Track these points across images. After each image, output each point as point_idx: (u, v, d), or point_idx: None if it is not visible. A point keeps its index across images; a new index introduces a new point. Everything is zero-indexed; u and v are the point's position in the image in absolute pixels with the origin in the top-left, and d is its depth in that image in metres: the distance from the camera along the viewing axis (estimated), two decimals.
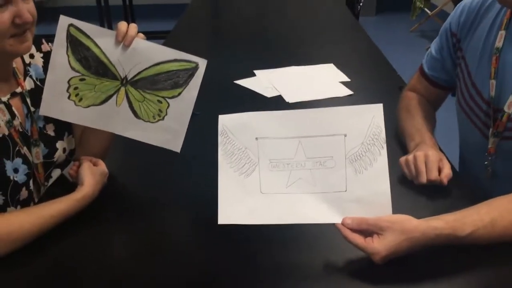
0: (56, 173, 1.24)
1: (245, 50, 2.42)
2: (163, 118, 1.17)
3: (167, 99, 1.16)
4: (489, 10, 1.30)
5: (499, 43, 1.24)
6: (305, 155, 1.02)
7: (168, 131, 1.18)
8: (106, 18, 4.56)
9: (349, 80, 1.90)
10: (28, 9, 1.05)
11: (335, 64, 2.04)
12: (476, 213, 0.98)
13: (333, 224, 0.98)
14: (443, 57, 1.43)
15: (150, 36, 1.18)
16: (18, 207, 1.12)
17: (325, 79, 1.93)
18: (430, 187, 1.18)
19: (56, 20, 1.11)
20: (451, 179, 1.18)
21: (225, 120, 1.05)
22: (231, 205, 1.01)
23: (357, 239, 0.95)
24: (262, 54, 2.32)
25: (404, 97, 1.52)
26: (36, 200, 1.18)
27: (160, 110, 1.17)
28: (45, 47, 1.25)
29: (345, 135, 1.00)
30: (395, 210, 0.98)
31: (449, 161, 1.24)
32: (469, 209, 1.00)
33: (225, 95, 1.82)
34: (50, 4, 6.30)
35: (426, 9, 5.43)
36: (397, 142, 1.41)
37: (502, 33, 1.24)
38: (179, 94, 1.16)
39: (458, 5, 1.39)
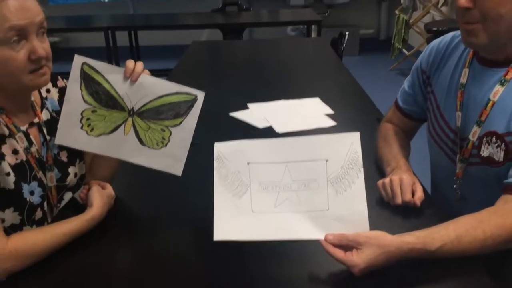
0: (68, 195, 1.26)
1: (239, 85, 2.46)
2: (166, 145, 1.19)
3: (169, 127, 1.19)
4: (454, 50, 1.35)
5: (463, 79, 1.28)
6: (291, 178, 1.04)
7: (170, 157, 1.20)
8: (114, 57, 4.61)
9: (333, 112, 1.93)
10: (43, 47, 1.08)
11: (320, 98, 2.07)
12: (444, 230, 1.00)
13: (317, 240, 1.00)
14: (415, 92, 1.47)
15: (154, 73, 1.21)
16: (34, 226, 1.14)
17: (312, 111, 1.95)
18: (404, 208, 1.20)
19: (69, 59, 1.14)
20: (423, 201, 1.21)
21: (220, 147, 1.08)
22: (225, 223, 1.03)
23: (338, 253, 0.97)
24: (255, 89, 2.35)
25: (382, 127, 1.56)
26: (49, 220, 1.19)
27: (163, 138, 1.19)
28: (60, 83, 1.29)
29: (327, 160, 1.03)
30: (373, 228, 1.00)
31: (421, 184, 1.26)
32: (438, 226, 1.02)
33: (221, 126, 1.85)
34: (64, 45, 6.37)
35: (404, 50, 5.53)
36: (375, 167, 1.44)
37: (466, 70, 1.28)
38: (180, 123, 1.18)
39: (427, 46, 1.44)
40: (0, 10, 1.01)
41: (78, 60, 1.14)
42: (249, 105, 2.02)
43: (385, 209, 1.22)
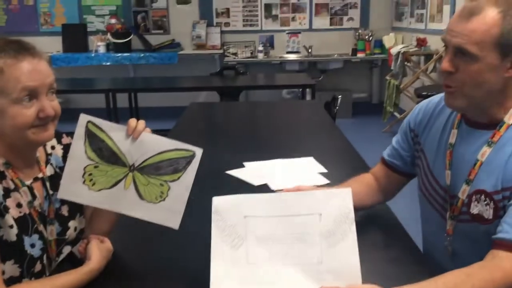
0: (66, 249, 1.27)
1: (235, 145, 2.51)
2: (164, 199, 1.22)
3: (168, 182, 1.22)
4: (442, 112, 1.40)
5: (452, 140, 1.33)
6: (286, 231, 1.07)
7: (168, 211, 1.22)
8: (114, 118, 4.68)
9: (326, 171, 1.97)
10: (52, 106, 1.14)
11: (314, 158, 2.11)
12: (434, 284, 1.03)
13: None
14: (401, 148, 1.50)
15: (154, 133, 1.25)
16: (32, 279, 1.15)
17: (306, 170, 1.99)
18: (396, 261, 1.22)
19: (69, 120, 1.19)
20: (414, 256, 1.23)
21: (218, 201, 1.12)
22: (221, 275, 1.05)
23: None
24: (251, 148, 2.39)
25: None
26: (47, 274, 1.20)
27: (162, 192, 1.22)
28: (65, 140, 1.33)
29: (320, 215, 1.07)
30: (365, 281, 1.03)
31: (413, 241, 1.28)
32: (428, 280, 1.04)
33: (217, 183, 1.87)
34: (65, 106, 6.46)
35: (395, 113, 5.67)
36: (367, 221, 1.45)
37: (455, 131, 1.33)
38: (179, 178, 1.22)
39: (415, 106, 1.50)
40: (14, 72, 1.08)
41: (84, 118, 1.19)
42: (245, 163, 2.06)
43: (377, 263, 1.24)
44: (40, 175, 1.23)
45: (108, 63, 6.34)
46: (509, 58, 1.16)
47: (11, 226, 1.10)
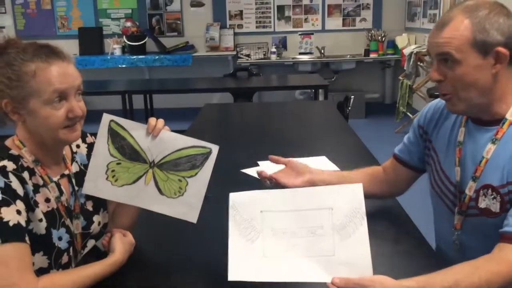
0: (91, 243, 1.33)
1: (250, 145, 2.56)
2: (182, 194, 1.28)
3: (186, 178, 1.28)
4: None
5: (460, 138, 1.37)
6: (300, 225, 1.12)
7: (186, 205, 1.28)
8: (130, 119, 4.75)
9: (339, 170, 2.01)
10: (79, 106, 1.21)
11: (327, 157, 2.14)
12: (443, 275, 1.07)
13: (324, 283, 1.06)
14: (410, 144, 1.55)
15: None
16: (60, 270, 1.21)
17: (318, 168, 2.03)
18: (406, 255, 1.26)
19: (85, 120, 1.25)
20: (424, 250, 1.27)
21: (235, 197, 1.17)
22: (239, 265, 1.10)
23: None
24: (264, 148, 2.40)
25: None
26: (73, 265, 1.26)
27: (180, 188, 1.28)
28: (89, 139, 1.40)
29: (332, 209, 1.12)
30: (376, 272, 1.06)
31: (420, 232, 1.31)
32: (437, 272, 1.08)
33: (233, 181, 1.92)
34: None
35: (408, 113, 5.68)
36: (378, 215, 1.49)
37: (462, 129, 1.37)
38: (196, 174, 1.28)
39: (426, 105, 1.55)
40: (45, 75, 1.14)
41: (106, 118, 1.26)
42: (259, 162, 2.10)
43: (387, 256, 1.29)
44: (66, 172, 1.29)
45: (123, 66, 6.44)
46: (491, 55, 1.22)
47: (41, 220, 1.16)
